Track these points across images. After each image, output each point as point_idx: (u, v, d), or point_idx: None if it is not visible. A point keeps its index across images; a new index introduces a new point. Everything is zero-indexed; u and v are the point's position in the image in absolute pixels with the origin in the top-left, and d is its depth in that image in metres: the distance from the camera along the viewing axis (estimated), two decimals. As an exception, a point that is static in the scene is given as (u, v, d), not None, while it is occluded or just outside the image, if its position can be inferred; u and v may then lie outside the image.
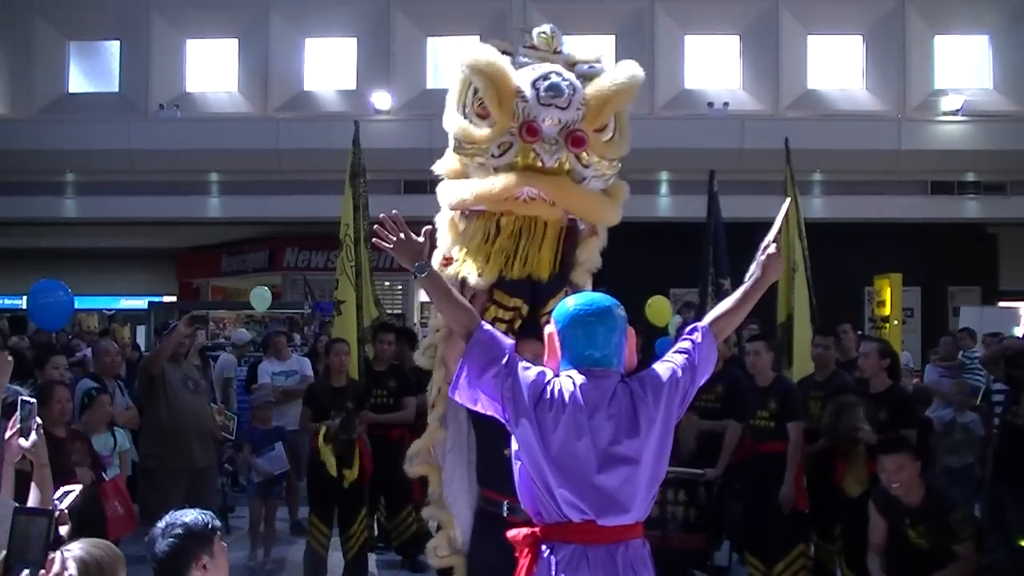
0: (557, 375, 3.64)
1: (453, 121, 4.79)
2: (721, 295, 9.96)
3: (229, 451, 10.13)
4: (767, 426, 7.59)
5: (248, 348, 14.25)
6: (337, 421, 8.43)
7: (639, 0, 17.88)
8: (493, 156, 4.68)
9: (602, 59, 4.94)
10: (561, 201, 4.71)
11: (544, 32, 4.86)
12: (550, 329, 3.74)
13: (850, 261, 16.86)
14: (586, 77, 4.72)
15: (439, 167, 5.09)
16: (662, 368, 3.73)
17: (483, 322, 3.81)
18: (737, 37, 19.25)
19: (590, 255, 5.05)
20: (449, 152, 5.01)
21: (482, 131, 4.66)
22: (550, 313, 3.96)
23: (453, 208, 4.92)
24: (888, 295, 16.23)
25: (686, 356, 3.78)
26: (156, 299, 22.50)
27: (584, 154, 4.66)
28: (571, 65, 4.83)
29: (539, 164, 4.62)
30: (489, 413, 3.73)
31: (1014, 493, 8.10)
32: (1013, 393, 8.41)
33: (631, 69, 4.69)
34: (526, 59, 4.85)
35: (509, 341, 3.77)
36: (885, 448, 6.27)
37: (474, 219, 4.92)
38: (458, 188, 4.85)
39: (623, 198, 5.00)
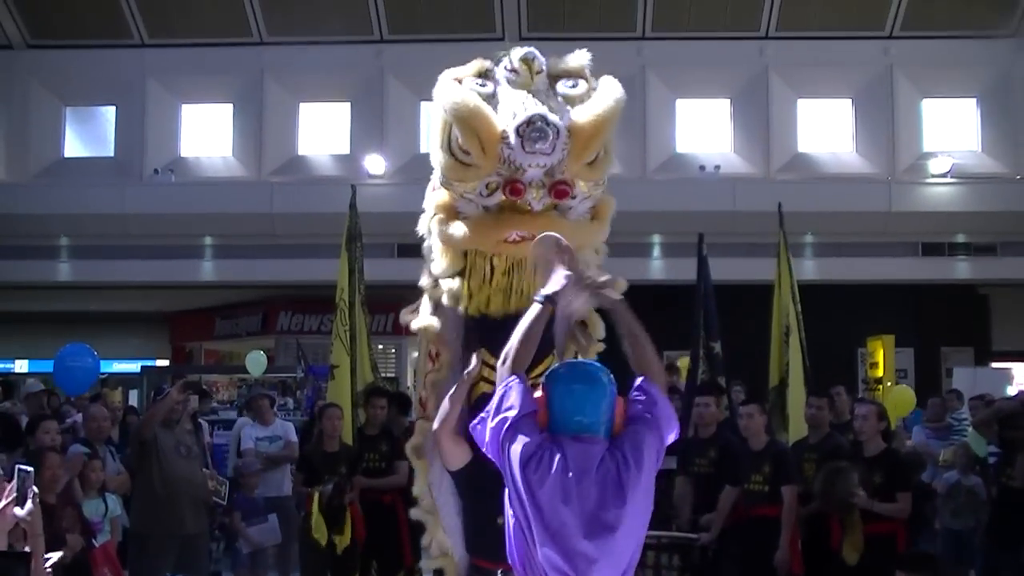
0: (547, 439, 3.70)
1: (438, 157, 4.78)
2: (712, 358, 10.01)
3: (221, 517, 10.06)
4: (761, 490, 7.58)
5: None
6: (330, 487, 8.42)
7: (631, 65, 18.05)
8: (481, 195, 4.70)
9: (584, 67, 4.92)
10: None
11: (525, 58, 4.75)
12: (538, 394, 3.79)
13: (843, 323, 16.91)
14: (568, 99, 4.70)
15: (427, 198, 5.09)
16: (638, 431, 3.77)
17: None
18: (728, 101, 19.42)
19: (593, 240, 5.06)
20: (435, 184, 4.99)
21: (467, 172, 4.65)
22: (541, 376, 3.99)
23: (444, 243, 4.92)
24: (881, 356, 16.33)
25: (648, 415, 3.82)
26: (149, 362, 22.44)
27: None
28: (553, 80, 4.81)
29: (528, 208, 4.65)
30: (488, 455, 3.84)
31: (1006, 556, 8.06)
32: (1006, 455, 8.39)
33: (613, 92, 4.67)
34: (508, 76, 4.79)
35: (536, 396, 3.82)
36: (909, 567, 5.84)
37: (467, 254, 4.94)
38: (447, 226, 4.86)
39: (611, 213, 5.03)
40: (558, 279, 3.96)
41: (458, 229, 4.79)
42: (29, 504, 3.72)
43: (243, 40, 19.44)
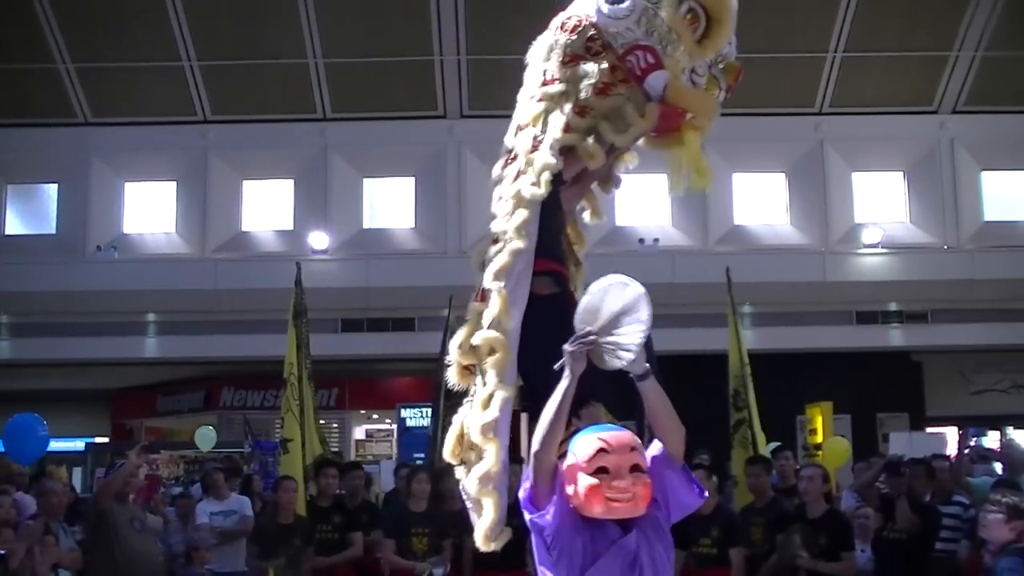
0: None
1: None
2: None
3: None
4: (710, 553, 7.76)
5: None
6: (282, 560, 8.47)
7: (570, 141, 18.39)
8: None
9: None
10: None
11: None
12: (569, 461, 3.78)
13: (782, 390, 17.17)
14: None
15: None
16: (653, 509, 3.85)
17: None
18: (665, 175, 19.78)
19: None
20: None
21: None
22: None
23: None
24: (820, 423, 16.64)
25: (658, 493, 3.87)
26: (90, 440, 22.21)
27: None
28: None
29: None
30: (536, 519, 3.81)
31: None
32: (885, 510, 8.52)
33: None
34: None
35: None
36: None
37: None
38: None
39: None
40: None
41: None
42: None
43: (187, 119, 19.59)
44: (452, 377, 4.69)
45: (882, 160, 20.07)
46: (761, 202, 20.09)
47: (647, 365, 3.90)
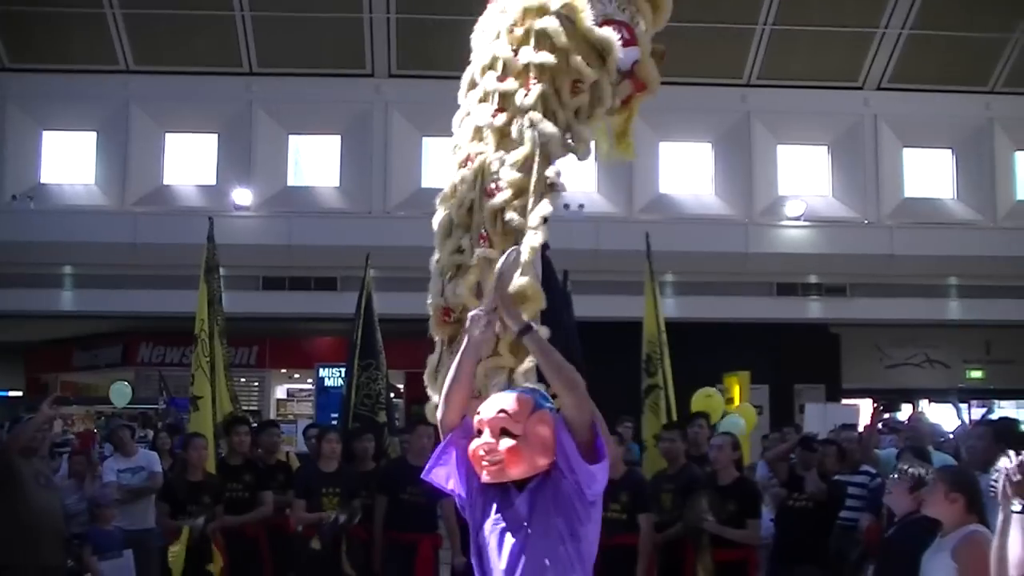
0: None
1: None
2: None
3: (75, 549, 9.80)
4: (619, 518, 7.78)
5: None
6: (201, 520, 8.38)
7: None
8: None
9: None
10: None
11: None
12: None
13: (701, 359, 17.32)
14: None
15: None
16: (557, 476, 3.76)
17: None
18: (592, 143, 19.82)
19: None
20: None
21: None
22: None
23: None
24: (737, 392, 16.84)
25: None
26: (2, 394, 21.84)
27: None
28: None
29: None
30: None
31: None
32: (792, 483, 8.66)
33: None
34: None
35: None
36: None
37: None
38: None
39: None
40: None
41: None
42: None
43: (109, 68, 19.19)
44: (432, 326, 4.55)
45: (807, 134, 20.29)
46: (687, 172, 20.20)
47: (525, 320, 3.81)
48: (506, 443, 3.57)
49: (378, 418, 10.58)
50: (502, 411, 3.61)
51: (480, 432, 3.65)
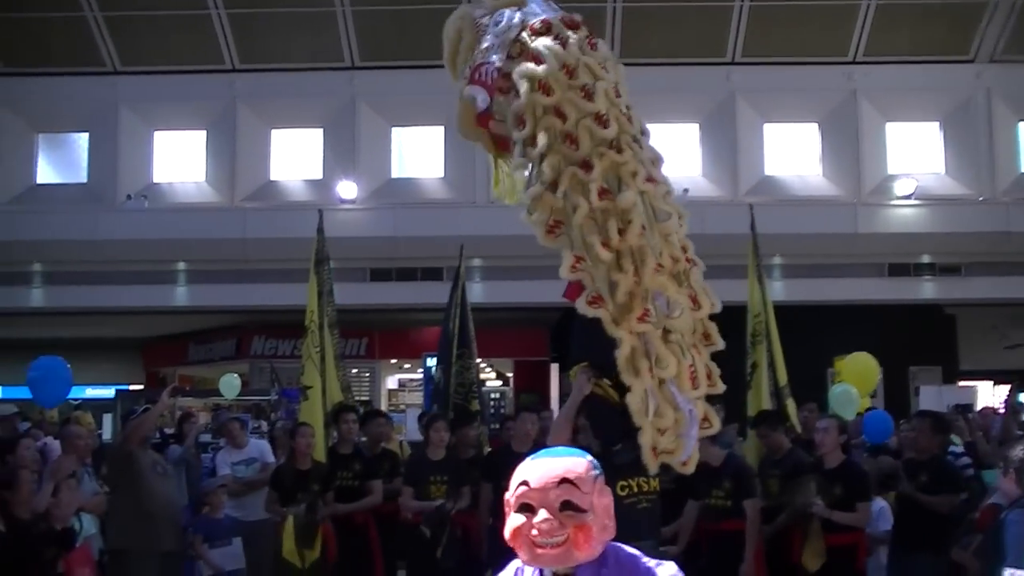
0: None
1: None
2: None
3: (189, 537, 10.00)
4: (724, 505, 7.70)
5: None
6: (303, 507, 8.51)
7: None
8: None
9: None
10: None
11: None
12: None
13: (812, 343, 17.07)
14: None
15: None
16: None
17: None
18: (697, 126, 19.67)
19: None
20: None
21: None
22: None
23: None
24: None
25: None
26: (123, 388, 22.44)
27: None
28: None
29: None
30: None
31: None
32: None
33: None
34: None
35: None
36: None
37: None
38: None
39: None
40: None
41: None
42: None
43: (215, 67, 19.57)
44: (539, 235, 4.87)
45: (918, 110, 19.75)
46: (793, 152, 19.86)
47: None
48: (575, 518, 2.84)
49: (471, 407, 10.67)
50: (565, 480, 2.86)
51: (525, 506, 2.88)
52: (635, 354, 4.79)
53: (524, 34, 5.11)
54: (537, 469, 2.89)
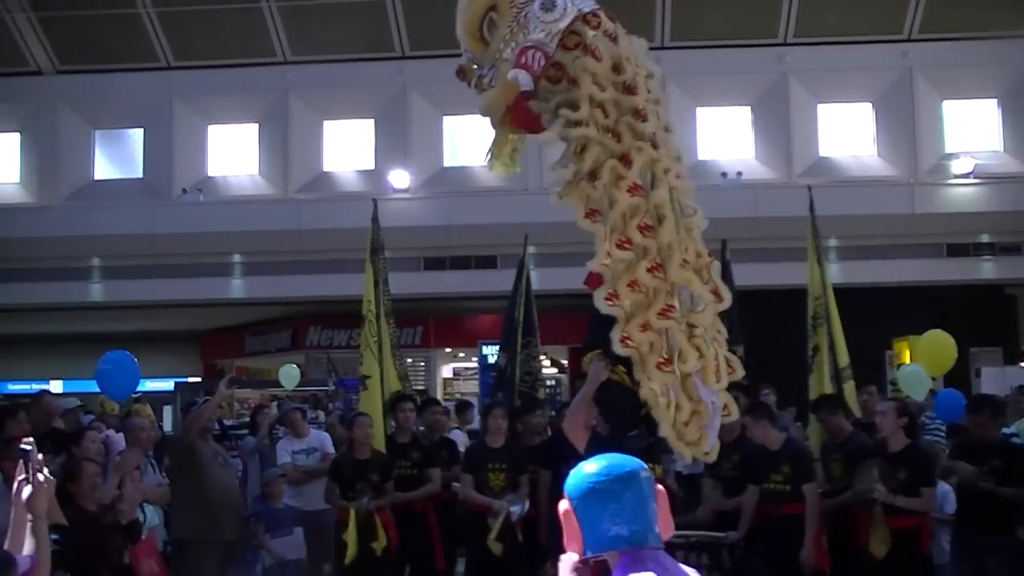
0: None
1: None
2: (736, 362, 10.03)
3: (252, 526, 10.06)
4: (783, 489, 7.64)
5: None
6: (365, 500, 8.55)
7: (651, 75, 18.15)
8: None
9: None
10: None
11: None
12: (564, 506, 2.81)
13: (869, 325, 16.87)
14: None
15: None
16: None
17: None
18: (748, 108, 19.53)
19: None
20: None
21: None
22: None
23: None
24: (908, 357, 16.31)
25: None
26: (182, 380, 22.67)
27: None
28: None
29: None
30: None
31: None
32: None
33: None
34: None
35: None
36: None
37: None
38: None
39: None
40: None
41: None
42: (29, 486, 3.67)
43: (267, 60, 19.73)
44: (579, 218, 4.86)
45: (975, 87, 19.47)
46: (847, 133, 19.65)
47: None
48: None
49: (538, 395, 10.66)
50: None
51: None
52: (645, 357, 4.82)
53: (580, 25, 5.06)
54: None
